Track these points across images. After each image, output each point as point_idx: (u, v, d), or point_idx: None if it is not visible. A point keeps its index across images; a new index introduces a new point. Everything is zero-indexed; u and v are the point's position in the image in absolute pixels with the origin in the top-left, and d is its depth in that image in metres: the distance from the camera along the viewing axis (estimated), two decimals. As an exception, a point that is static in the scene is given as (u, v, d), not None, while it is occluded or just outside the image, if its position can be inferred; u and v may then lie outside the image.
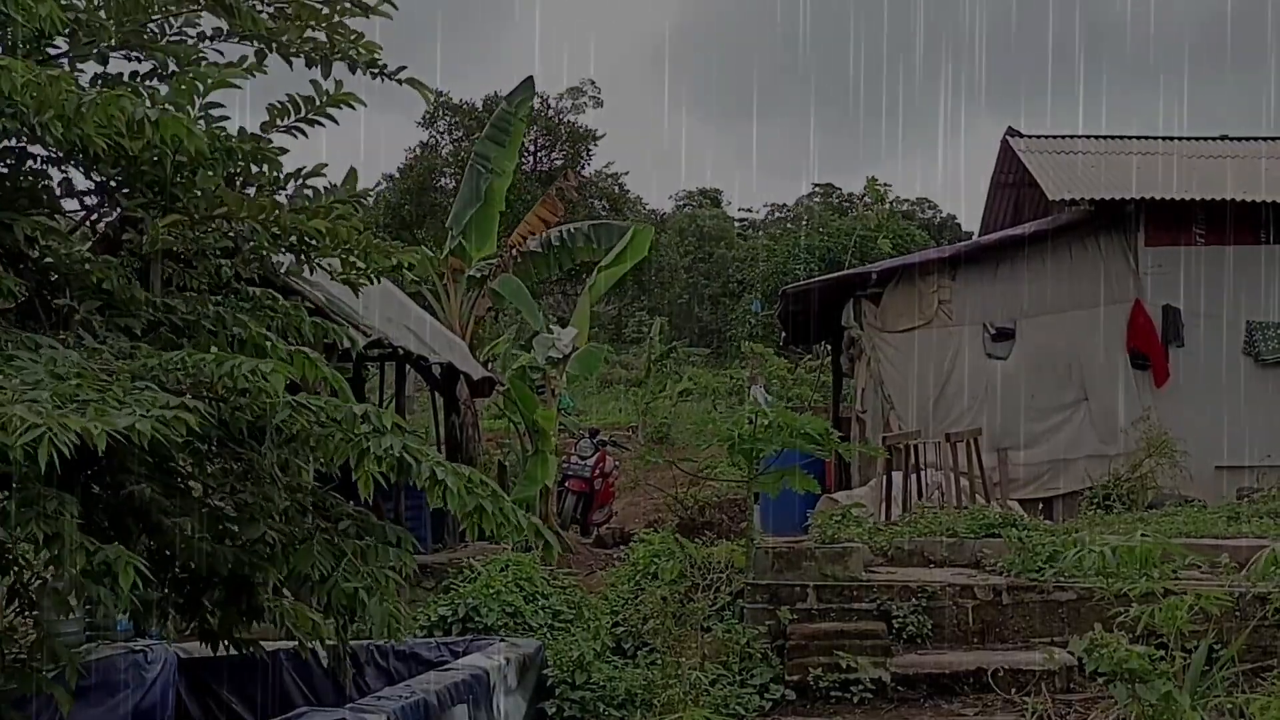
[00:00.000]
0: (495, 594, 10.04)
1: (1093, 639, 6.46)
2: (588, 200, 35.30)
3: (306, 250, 6.48)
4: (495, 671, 7.96)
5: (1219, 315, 16.91)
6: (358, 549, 6.18)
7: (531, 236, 17.13)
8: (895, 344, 17.11)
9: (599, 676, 8.82)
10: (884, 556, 11.16)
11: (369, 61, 6.48)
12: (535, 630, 9.71)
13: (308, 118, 6.22)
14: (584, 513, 17.55)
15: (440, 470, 5.55)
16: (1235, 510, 13.31)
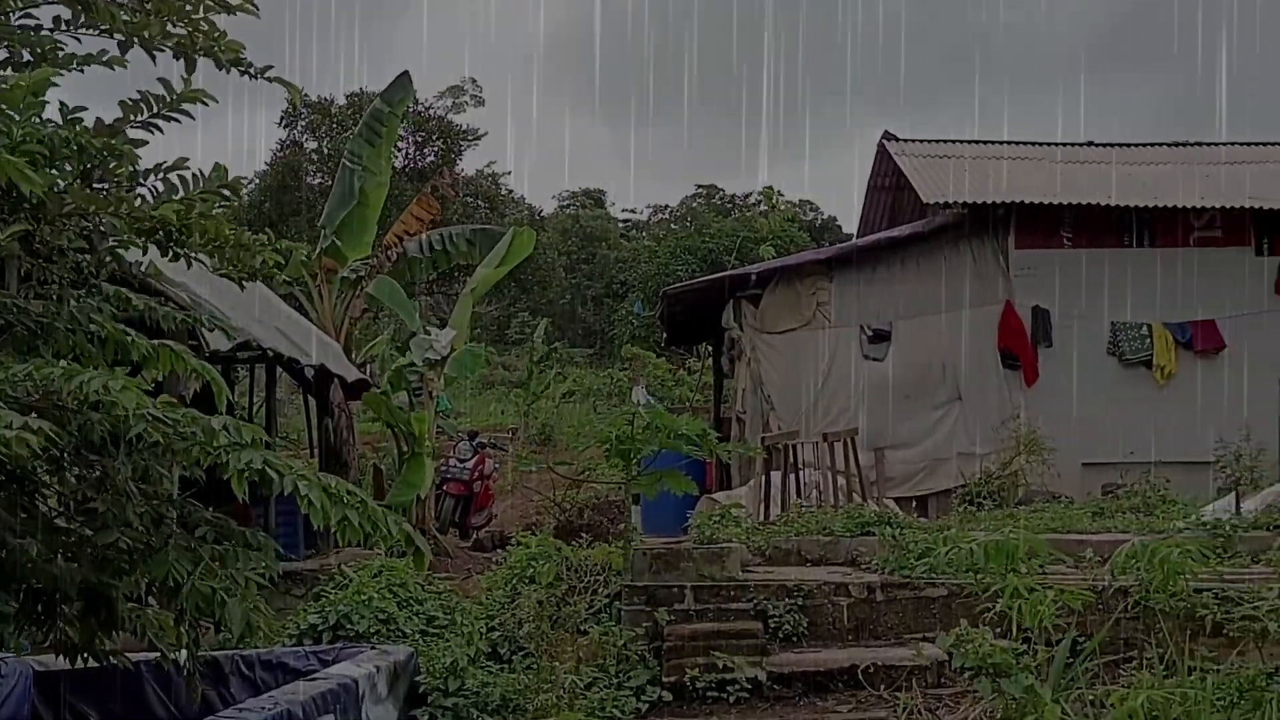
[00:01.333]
0: (367, 600, 9.84)
1: (959, 635, 6.56)
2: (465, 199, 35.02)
3: (172, 245, 6.30)
4: (364, 680, 7.81)
5: (1086, 316, 17.40)
6: (216, 553, 6.03)
7: (408, 237, 16.91)
8: (775, 345, 17.28)
9: (473, 683, 8.70)
10: (762, 556, 11.18)
11: (234, 60, 6.35)
12: (408, 637, 9.54)
13: (162, 114, 6.06)
14: (463, 516, 17.38)
15: (304, 484, 5.47)
16: (1100, 506, 13.65)
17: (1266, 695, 6.87)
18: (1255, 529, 10.93)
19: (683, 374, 27.78)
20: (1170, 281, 17.57)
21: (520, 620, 9.51)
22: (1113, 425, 16.87)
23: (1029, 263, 17.66)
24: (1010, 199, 17.38)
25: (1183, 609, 8.21)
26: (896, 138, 20.55)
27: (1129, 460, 16.49)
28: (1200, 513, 12.29)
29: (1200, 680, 7.06)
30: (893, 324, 17.42)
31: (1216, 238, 17.95)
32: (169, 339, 6.04)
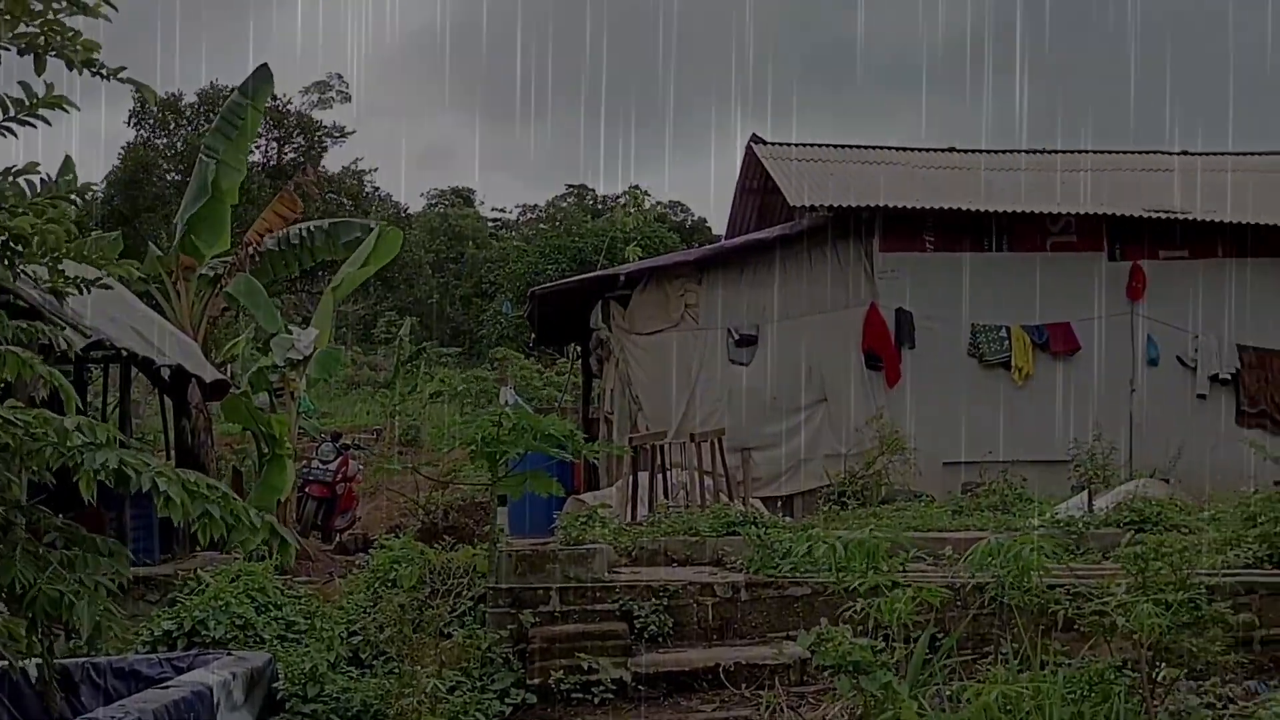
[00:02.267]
0: (224, 605, 9.60)
1: (820, 633, 6.60)
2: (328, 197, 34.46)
3: (11, 256, 6.07)
4: (220, 687, 7.60)
5: (947, 318, 17.74)
6: (64, 559, 5.81)
7: (269, 234, 16.55)
8: (643, 346, 17.31)
9: (333, 688, 8.53)
10: (629, 557, 11.17)
11: (86, 60, 6.13)
12: (267, 642, 9.32)
13: (18, 118, 5.84)
14: (325, 518, 17.08)
15: (162, 480, 5.32)
16: (960, 504, 13.94)
17: (1114, 688, 7.04)
18: (1106, 526, 11.24)
19: (551, 374, 27.70)
20: (1028, 285, 18.02)
21: (381, 624, 9.35)
22: (973, 425, 17.24)
23: (893, 266, 17.95)
24: (875, 203, 17.64)
25: (1036, 605, 8.36)
26: (765, 141, 20.74)
27: (988, 459, 16.87)
28: (1055, 510, 12.61)
29: (1052, 674, 7.21)
30: (760, 327, 17.57)
31: (1072, 243, 18.44)
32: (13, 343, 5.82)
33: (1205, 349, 18.28)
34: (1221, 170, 20.91)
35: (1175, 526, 11.12)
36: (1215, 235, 18.31)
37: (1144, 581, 7.60)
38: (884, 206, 17.60)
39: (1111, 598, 7.44)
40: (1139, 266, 18.40)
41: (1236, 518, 10.88)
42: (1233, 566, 9.74)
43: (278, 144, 37.76)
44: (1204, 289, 18.29)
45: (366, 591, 10.07)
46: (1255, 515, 10.55)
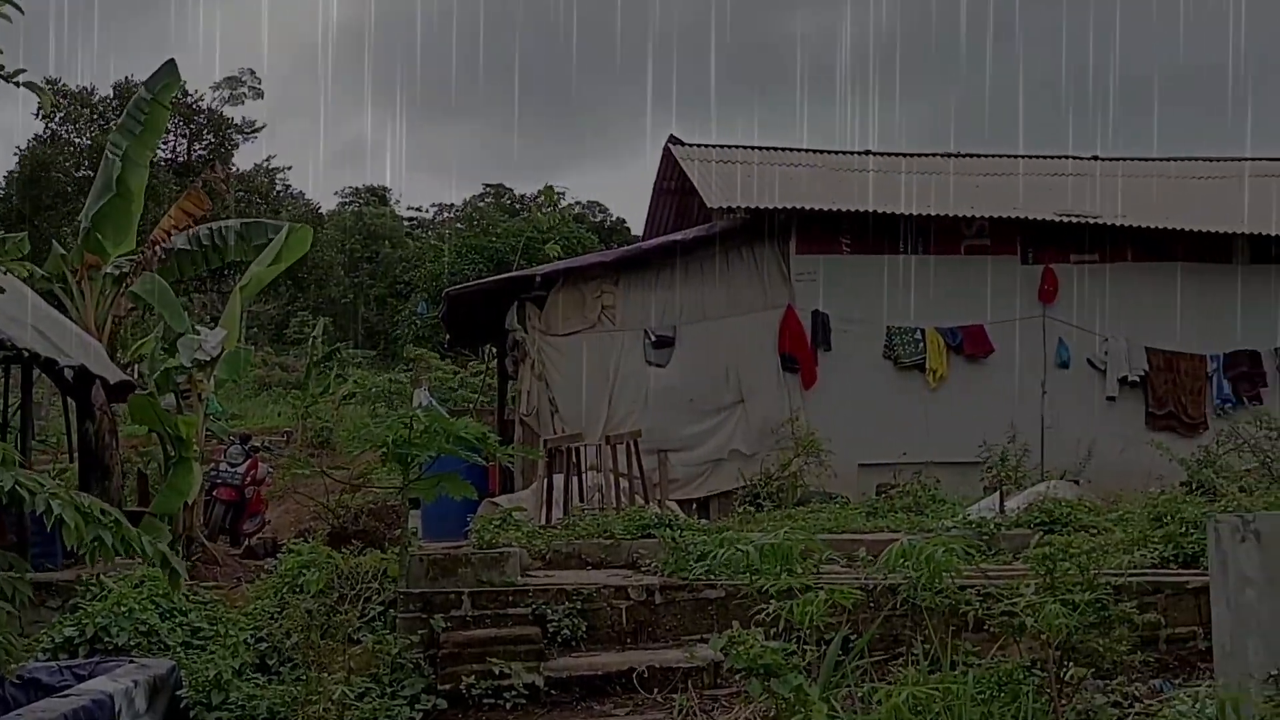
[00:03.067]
0: (128, 612, 9.38)
1: (731, 636, 6.56)
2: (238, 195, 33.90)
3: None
4: (121, 695, 7.44)
5: (863, 321, 17.84)
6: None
7: (177, 233, 16.20)
8: (559, 347, 17.22)
9: (238, 696, 8.38)
10: (543, 560, 11.11)
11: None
12: (171, 649, 9.12)
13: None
14: (234, 522, 16.77)
15: (56, 503, 5.22)
16: (874, 506, 14.01)
17: (1023, 688, 7.08)
18: (1018, 527, 11.35)
19: (467, 376, 27.50)
20: (943, 288, 18.19)
21: (289, 631, 9.18)
22: (887, 427, 17.35)
23: (809, 268, 18.03)
24: (791, 205, 17.69)
25: (947, 606, 8.41)
26: (683, 142, 20.73)
27: (902, 461, 16.97)
28: (967, 512, 12.71)
29: (963, 675, 7.23)
30: (677, 328, 17.55)
31: (986, 246, 18.62)
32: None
33: (1115, 352, 18.55)
34: (1132, 176, 21.25)
35: (1084, 527, 11.25)
36: (1125, 240, 18.60)
37: (1052, 582, 7.66)
38: (800, 208, 17.66)
39: (1020, 598, 7.48)
40: (1051, 270, 18.63)
41: (1144, 518, 11.05)
42: (1140, 566, 9.87)
43: (187, 140, 37.05)
44: (1114, 292, 18.58)
45: (274, 597, 9.88)
46: (1161, 516, 10.72)
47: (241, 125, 37.65)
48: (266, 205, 36.37)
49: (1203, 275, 18.81)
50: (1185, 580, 9.63)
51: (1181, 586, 9.59)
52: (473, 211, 41.89)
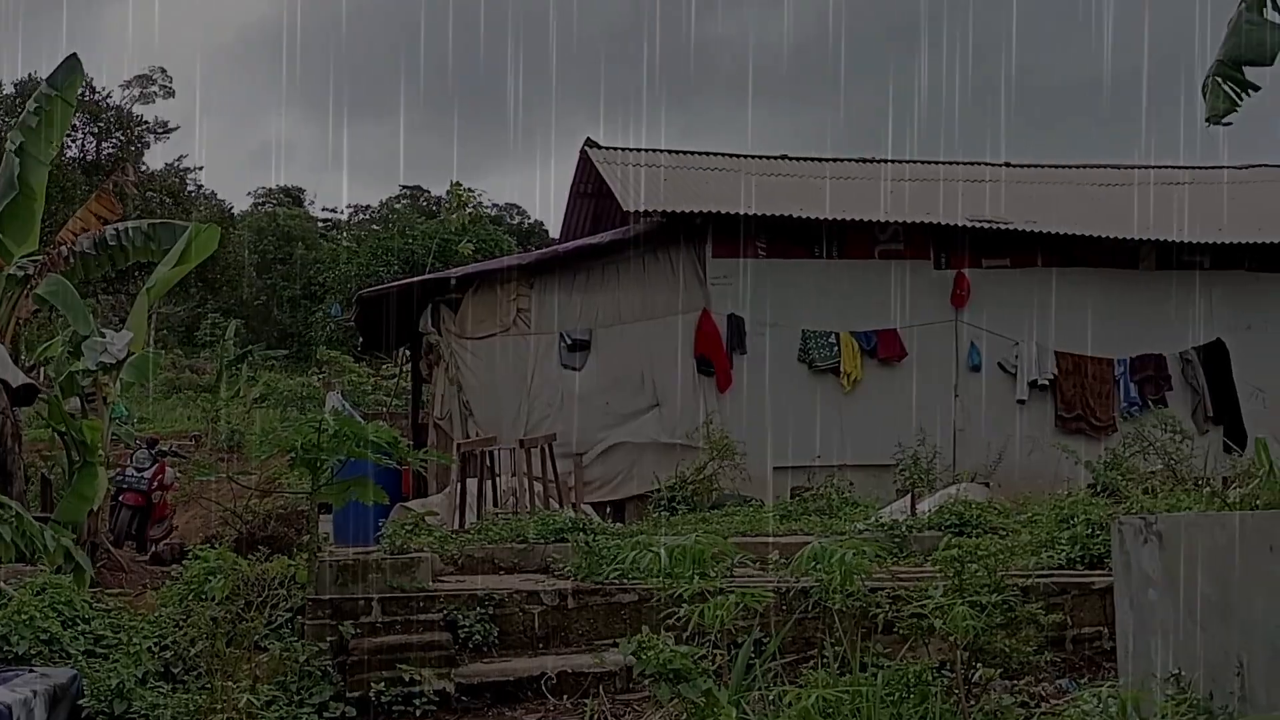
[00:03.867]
0: (28, 620, 9.11)
1: (640, 641, 6.52)
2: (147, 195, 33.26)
3: None
4: (20, 706, 7.26)
5: (778, 324, 17.91)
6: None
7: (84, 233, 15.84)
8: (474, 351, 17.11)
9: (141, 705, 8.20)
10: (455, 565, 11.02)
11: None
12: (73, 658, 8.90)
13: None
14: (140, 528, 16.46)
15: (-49, 502, 5.03)
16: (788, 508, 14.05)
17: (931, 689, 7.13)
18: (928, 529, 11.44)
19: (381, 379, 27.25)
20: (857, 292, 18.34)
21: (193, 638, 8.99)
22: (802, 430, 17.42)
23: (725, 271, 18.08)
24: (707, 209, 17.72)
25: (858, 608, 8.45)
26: (599, 145, 20.68)
27: (816, 464, 17.09)
28: (879, 514, 12.80)
29: (872, 677, 7.26)
30: (593, 332, 17.51)
31: (900, 251, 18.80)
32: None
33: (1025, 355, 18.81)
34: (1042, 182, 21.58)
35: (994, 529, 11.37)
36: (1035, 245, 18.86)
37: (960, 584, 7.73)
38: (716, 212, 17.69)
39: (929, 600, 7.54)
40: (963, 274, 18.85)
41: (1051, 520, 11.18)
42: (1047, 568, 10.01)
43: (96, 139, 36.27)
44: (1024, 297, 18.84)
45: (178, 604, 9.68)
46: (1068, 518, 10.86)
47: (153, 125, 36.96)
48: (177, 206, 35.68)
49: (1110, 280, 19.14)
50: (1091, 581, 9.75)
51: (1088, 587, 9.70)
52: (389, 213, 41.51)
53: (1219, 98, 8.08)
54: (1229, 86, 8.09)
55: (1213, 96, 8.11)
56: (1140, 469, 16.31)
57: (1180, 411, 18.62)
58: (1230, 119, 8.08)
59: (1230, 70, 8.07)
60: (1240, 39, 8.05)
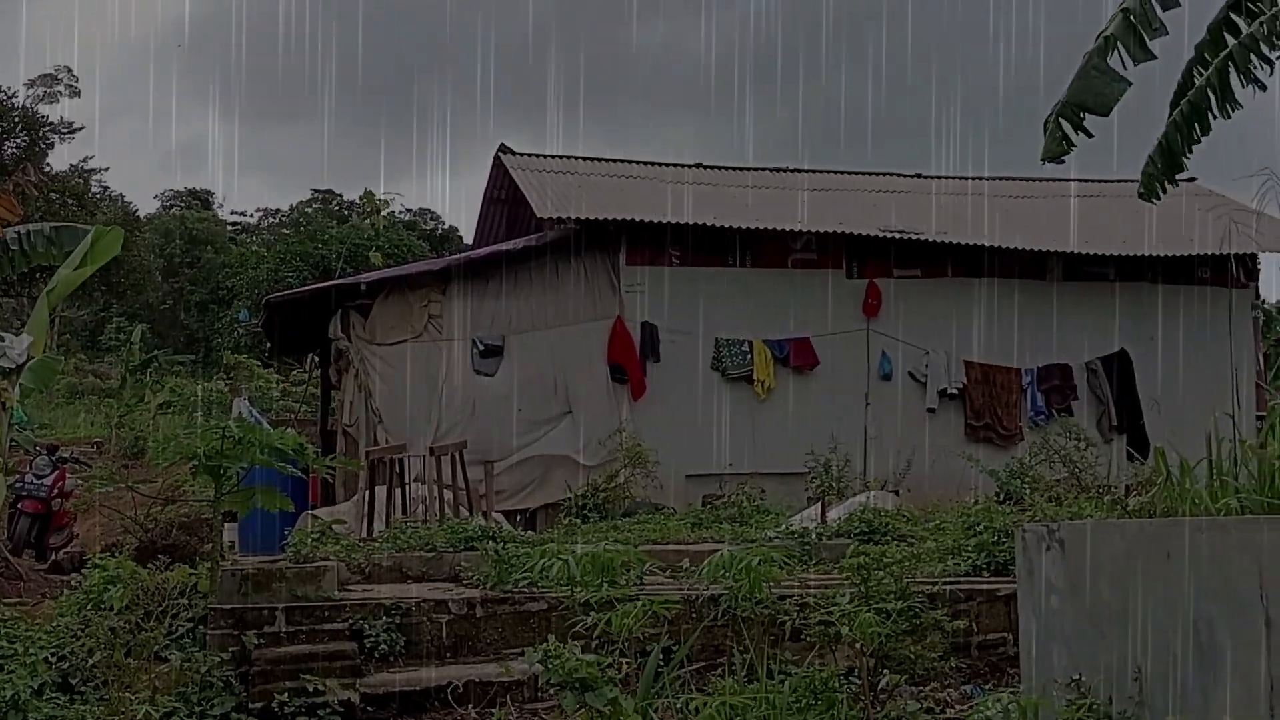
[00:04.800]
0: (-80, 632, 8.87)
1: (546, 650, 6.47)
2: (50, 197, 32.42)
3: None
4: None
5: (692, 332, 17.93)
6: None
7: (-17, 237, 15.44)
8: (384, 357, 16.92)
9: (37, 716, 8.01)
10: (362, 574, 10.87)
11: None
12: (-35, 670, 8.64)
13: None
14: (40, 536, 16.05)
15: None
16: (700, 516, 14.07)
17: (838, 696, 7.15)
18: (838, 536, 11.49)
19: (290, 385, 26.89)
20: (770, 300, 18.43)
21: (91, 649, 8.78)
22: (715, 438, 17.46)
23: (639, 279, 18.07)
24: (621, 216, 17.70)
25: (767, 615, 8.47)
26: (513, 151, 20.58)
27: (729, 471, 17.14)
28: (789, 521, 12.84)
29: (780, 684, 7.27)
30: (505, 338, 17.41)
31: (813, 260, 18.92)
32: None
33: (935, 365, 19.02)
34: (954, 194, 21.83)
35: (902, 536, 11.47)
36: (946, 255, 19.09)
37: (867, 591, 7.76)
38: (630, 220, 17.67)
39: (836, 607, 7.57)
40: (875, 284, 19.02)
41: (958, 528, 11.29)
42: (953, 575, 10.09)
43: (-1, 139, 35.39)
44: (934, 307, 19.07)
45: (77, 614, 9.45)
46: (975, 525, 10.97)
47: (58, 125, 36.13)
48: (81, 208, 34.86)
49: (1019, 291, 19.43)
50: (996, 587, 9.85)
51: (993, 594, 9.81)
52: (300, 217, 40.94)
53: (1056, 139, 8.26)
54: (1069, 129, 8.27)
55: (1051, 137, 8.29)
56: (1046, 477, 16.57)
57: (1085, 420, 18.96)
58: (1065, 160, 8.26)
59: (1072, 113, 8.24)
60: (1085, 84, 8.23)
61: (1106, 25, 8.74)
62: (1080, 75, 8.42)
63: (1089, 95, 8.26)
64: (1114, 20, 8.65)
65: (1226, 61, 8.80)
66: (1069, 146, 8.36)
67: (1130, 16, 8.50)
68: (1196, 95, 8.83)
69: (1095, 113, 8.32)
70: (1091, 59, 8.48)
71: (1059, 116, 8.37)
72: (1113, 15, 8.78)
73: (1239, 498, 6.40)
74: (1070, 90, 8.40)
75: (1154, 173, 8.90)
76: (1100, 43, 8.51)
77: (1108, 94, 8.28)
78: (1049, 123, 8.46)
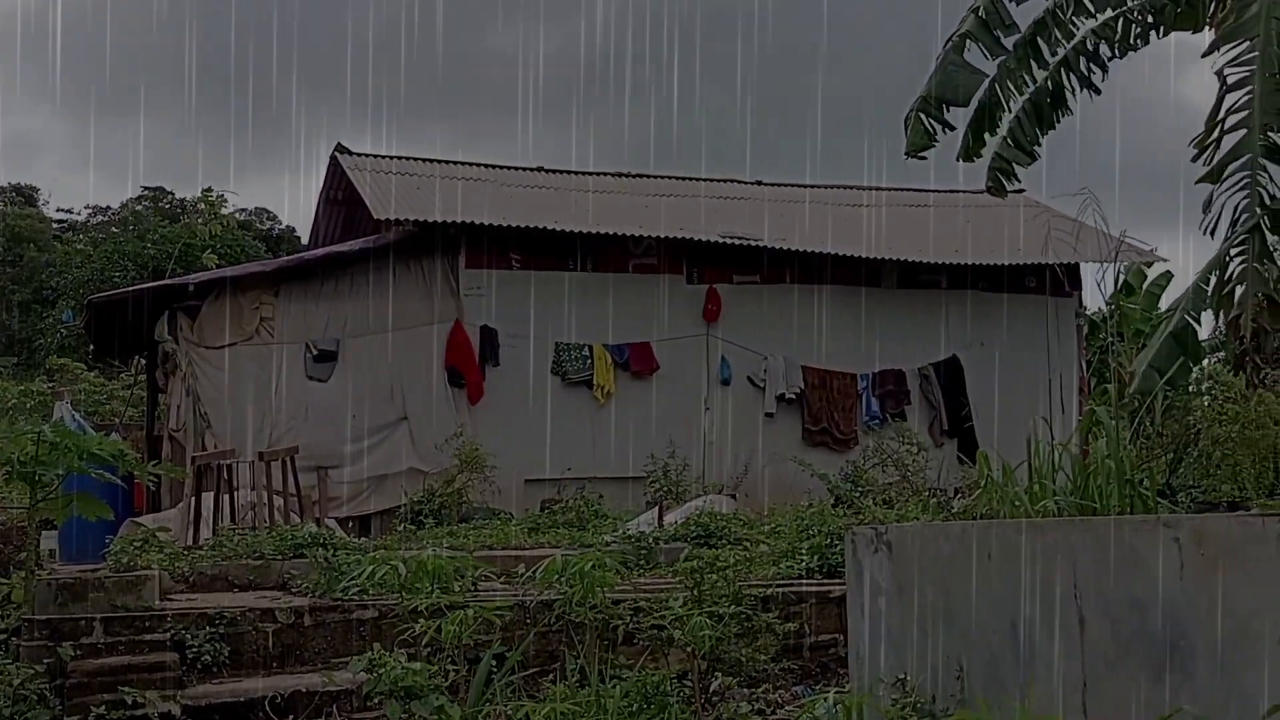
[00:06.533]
0: None
1: (370, 658, 6.33)
2: None
3: None
4: None
5: (531, 336, 17.81)
6: None
7: None
8: (213, 360, 16.47)
9: None
10: (187, 583, 10.61)
11: None
12: None
13: None
14: None
15: None
16: (537, 521, 14.00)
17: (670, 699, 7.15)
18: (675, 540, 11.53)
19: (116, 388, 25.98)
20: (611, 305, 18.40)
21: (-113, 665, 8.34)
22: (554, 442, 17.37)
23: (478, 282, 17.89)
24: (460, 218, 17.51)
25: (601, 620, 8.44)
26: (350, 151, 20.19)
27: (568, 476, 17.08)
28: (627, 526, 12.86)
29: (612, 689, 7.25)
30: (340, 342, 17.07)
31: (653, 265, 18.98)
32: None
33: (773, 370, 19.23)
34: (793, 201, 22.11)
35: (739, 540, 11.57)
36: (785, 261, 19.31)
37: (699, 595, 7.79)
38: (469, 222, 17.49)
39: (669, 611, 7.57)
40: (715, 289, 19.15)
41: (793, 530, 11.43)
42: (787, 577, 10.20)
43: None
44: (773, 312, 19.28)
45: (-126, 630, 8.99)
46: (809, 528, 11.11)
47: None
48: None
49: (855, 297, 19.76)
50: (829, 589, 9.97)
51: (825, 596, 9.93)
52: (129, 215, 39.58)
53: (919, 133, 8.47)
54: (929, 123, 8.49)
55: (914, 132, 8.49)
56: (879, 480, 16.93)
57: (918, 425, 19.40)
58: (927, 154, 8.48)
59: (932, 108, 8.46)
60: (943, 78, 8.46)
61: (960, 25, 8.95)
62: (939, 71, 8.61)
63: (948, 89, 8.45)
64: (966, 20, 8.86)
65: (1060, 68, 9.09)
66: (931, 140, 8.54)
67: (981, 13, 8.71)
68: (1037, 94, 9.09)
69: (955, 104, 8.51)
70: (949, 55, 8.67)
71: (919, 112, 8.54)
72: (964, 16, 9.00)
73: (1056, 500, 6.58)
74: (930, 85, 8.58)
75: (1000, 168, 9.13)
76: (956, 40, 8.71)
77: (967, 85, 8.49)
78: (910, 118, 8.62)
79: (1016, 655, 5.76)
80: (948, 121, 8.72)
